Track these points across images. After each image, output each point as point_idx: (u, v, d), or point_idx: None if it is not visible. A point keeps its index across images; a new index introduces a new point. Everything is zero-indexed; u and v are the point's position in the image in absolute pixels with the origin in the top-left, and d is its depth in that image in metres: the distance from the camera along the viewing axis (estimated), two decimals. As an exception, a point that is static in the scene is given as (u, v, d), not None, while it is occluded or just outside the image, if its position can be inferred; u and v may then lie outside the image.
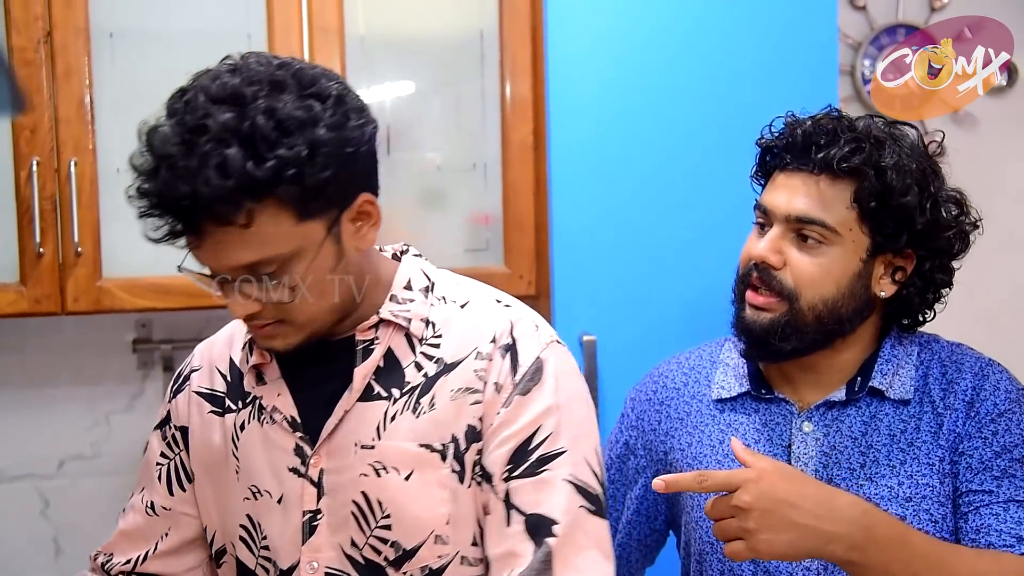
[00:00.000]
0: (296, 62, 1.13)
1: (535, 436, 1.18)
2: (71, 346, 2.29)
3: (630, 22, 1.99)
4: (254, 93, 1.06)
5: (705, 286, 2.00)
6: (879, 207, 1.32)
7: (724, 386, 1.47)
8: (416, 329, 1.23)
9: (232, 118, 1.04)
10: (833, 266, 1.34)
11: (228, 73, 1.09)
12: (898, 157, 1.33)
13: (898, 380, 1.39)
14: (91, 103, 1.96)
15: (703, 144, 2.00)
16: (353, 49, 2.06)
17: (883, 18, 2.65)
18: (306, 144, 1.06)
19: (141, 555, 1.36)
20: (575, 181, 1.99)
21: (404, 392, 1.21)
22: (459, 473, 1.19)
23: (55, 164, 1.94)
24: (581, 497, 1.18)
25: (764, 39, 2.01)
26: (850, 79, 2.64)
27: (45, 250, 1.93)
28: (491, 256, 2.14)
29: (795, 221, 1.35)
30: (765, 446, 1.40)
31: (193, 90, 1.08)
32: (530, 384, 1.19)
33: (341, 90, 1.13)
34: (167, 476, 1.36)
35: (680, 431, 1.48)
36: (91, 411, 2.30)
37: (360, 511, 1.20)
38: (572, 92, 1.98)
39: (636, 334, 1.99)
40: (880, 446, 1.36)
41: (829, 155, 1.33)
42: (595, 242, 1.99)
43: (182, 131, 1.05)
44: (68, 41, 1.94)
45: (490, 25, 2.11)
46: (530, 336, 1.22)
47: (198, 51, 2.02)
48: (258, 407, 1.27)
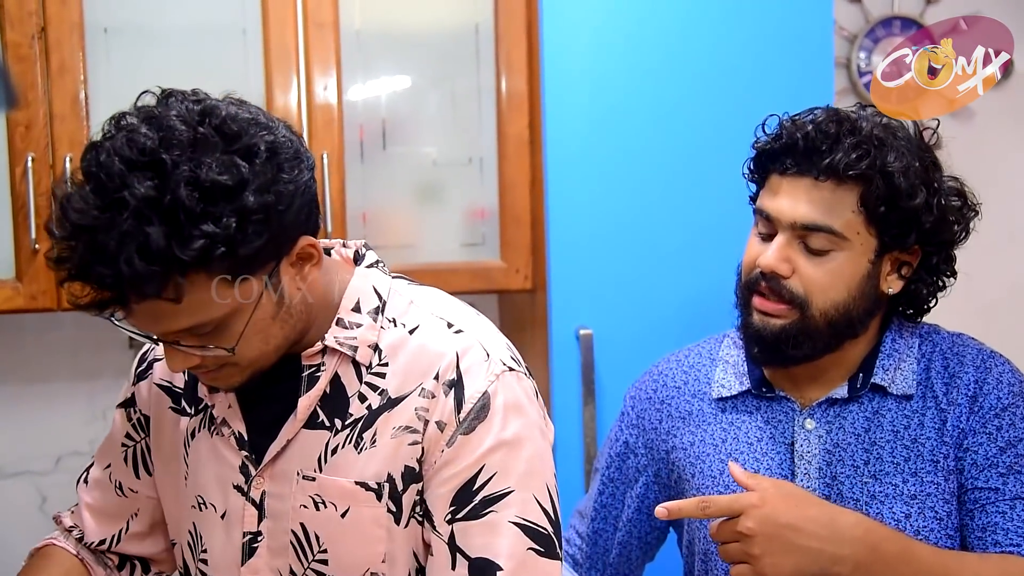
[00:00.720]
0: (222, 107, 1.05)
1: (479, 476, 1.13)
2: (68, 342, 2.29)
3: (625, 16, 1.99)
4: (175, 160, 0.98)
5: (701, 279, 2.00)
6: (888, 211, 1.30)
7: (725, 384, 1.45)
8: (363, 356, 1.17)
9: (151, 189, 0.96)
10: (843, 270, 1.32)
11: (145, 128, 1.00)
12: (903, 157, 1.30)
13: (900, 375, 1.37)
14: (86, 99, 1.96)
15: (699, 138, 2.01)
16: (348, 44, 2.06)
17: (878, 10, 2.65)
18: (234, 213, 0.98)
19: (115, 534, 1.34)
20: (571, 175, 1.99)
21: (347, 424, 1.16)
22: (395, 513, 1.15)
23: (50, 160, 1.93)
24: (529, 539, 1.13)
25: (760, 32, 2.01)
26: (846, 71, 2.64)
27: (41, 246, 1.92)
28: (487, 250, 2.14)
29: (801, 229, 1.32)
30: (768, 444, 1.40)
31: (107, 150, 0.99)
32: (475, 422, 1.13)
33: (271, 140, 1.04)
34: (133, 459, 1.33)
35: (682, 430, 1.47)
36: (89, 407, 2.30)
37: (299, 541, 1.17)
38: (568, 86, 1.98)
39: (633, 328, 2.00)
40: (884, 443, 1.35)
41: (834, 161, 1.29)
42: (591, 236, 1.99)
43: (99, 202, 0.97)
44: (62, 37, 1.93)
45: (486, 19, 2.11)
46: (478, 368, 1.15)
47: (193, 46, 2.04)
48: (209, 416, 1.23)
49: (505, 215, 2.11)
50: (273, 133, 1.06)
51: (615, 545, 1.55)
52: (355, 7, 2.07)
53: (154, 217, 0.96)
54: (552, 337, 1.99)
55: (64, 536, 1.36)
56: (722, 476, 1.41)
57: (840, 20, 2.60)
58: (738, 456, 1.40)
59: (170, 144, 0.98)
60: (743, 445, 1.41)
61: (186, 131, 1.00)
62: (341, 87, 2.04)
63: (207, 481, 1.22)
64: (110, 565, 1.36)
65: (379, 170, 2.10)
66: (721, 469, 1.41)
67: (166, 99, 1.05)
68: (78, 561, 1.34)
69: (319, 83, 2.03)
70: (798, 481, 1.36)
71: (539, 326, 2.05)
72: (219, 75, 2.05)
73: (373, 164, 2.09)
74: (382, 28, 2.12)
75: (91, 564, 1.34)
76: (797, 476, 1.37)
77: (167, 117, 1.01)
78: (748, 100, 2.00)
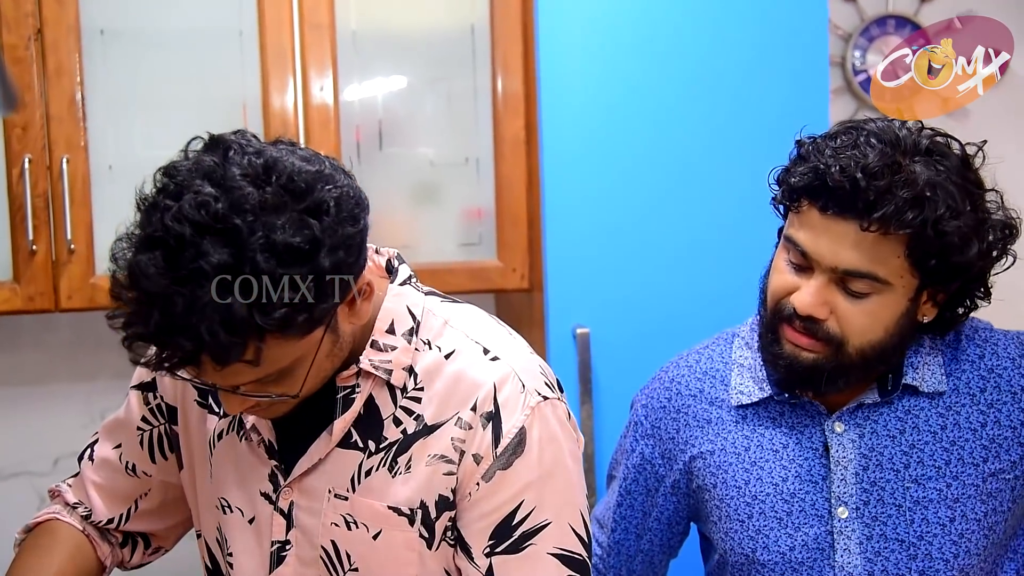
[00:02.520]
0: (284, 159, 1.01)
1: (518, 511, 1.14)
2: (66, 343, 2.29)
3: (620, 16, 1.99)
4: (250, 225, 0.95)
5: (698, 278, 2.01)
6: (937, 263, 1.24)
7: (743, 391, 1.40)
8: (397, 379, 1.16)
9: (229, 257, 0.94)
10: (882, 312, 1.27)
11: (209, 187, 0.97)
12: (956, 207, 1.22)
13: (928, 371, 1.33)
14: (82, 101, 1.96)
15: (695, 137, 2.01)
16: (345, 45, 2.07)
17: (873, 9, 2.66)
18: (311, 275, 0.98)
19: (123, 513, 1.33)
20: (567, 175, 1.99)
21: (381, 447, 1.16)
22: (427, 539, 1.16)
23: (47, 162, 1.94)
24: (565, 567, 1.15)
25: (755, 31, 2.02)
26: (840, 70, 2.65)
27: (38, 248, 1.93)
28: (484, 250, 2.15)
29: (843, 273, 1.25)
30: (795, 451, 1.36)
31: (173, 214, 0.95)
32: (512, 457, 1.13)
33: (337, 195, 1.02)
34: (150, 443, 1.32)
35: (701, 439, 1.43)
36: (86, 408, 2.30)
37: (329, 558, 1.18)
38: (563, 87, 1.98)
39: (629, 326, 2.00)
40: (923, 445, 1.31)
41: (887, 214, 1.20)
42: (588, 235, 1.99)
43: (173, 271, 0.94)
44: (59, 39, 1.94)
45: (481, 20, 2.12)
46: (515, 400, 1.15)
47: (189, 48, 2.05)
48: (238, 420, 1.22)
49: (502, 215, 2.12)
50: (335, 184, 1.03)
51: (638, 553, 1.52)
52: (351, 8, 2.08)
53: (233, 286, 0.94)
54: (549, 336, 1.99)
55: (68, 511, 1.34)
56: (747, 486, 1.37)
57: (835, 19, 2.61)
58: (764, 464, 1.37)
59: (241, 208, 0.96)
60: (768, 453, 1.37)
61: (255, 193, 0.97)
62: (337, 88, 2.05)
63: (232, 485, 1.22)
64: (114, 542, 1.35)
65: (376, 171, 2.10)
66: (746, 479, 1.37)
67: (225, 152, 1.01)
68: (84, 537, 1.32)
69: (315, 84, 2.03)
70: (834, 487, 1.33)
71: (536, 325, 2.06)
72: (215, 77, 2.06)
73: (370, 165, 2.10)
74: (378, 29, 2.13)
75: (96, 540, 1.33)
76: (833, 482, 1.33)
77: (232, 177, 0.98)
78: (744, 99, 2.01)
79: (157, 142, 2.05)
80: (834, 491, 1.33)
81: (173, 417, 1.31)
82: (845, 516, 1.32)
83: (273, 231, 0.96)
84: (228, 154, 1.00)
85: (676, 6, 2.00)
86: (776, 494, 1.35)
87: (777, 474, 1.36)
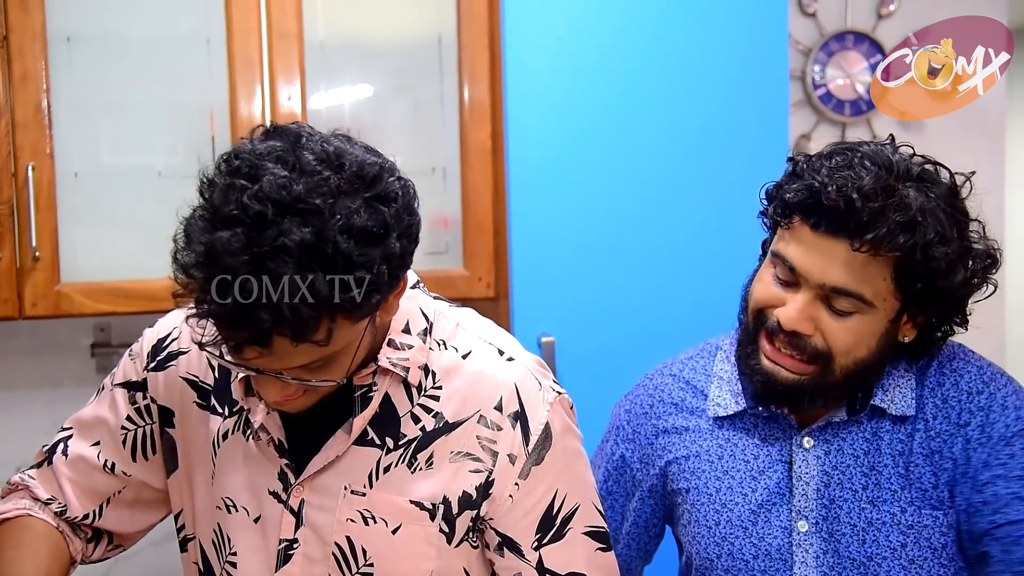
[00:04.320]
0: (350, 151, 1.05)
1: (555, 501, 1.22)
2: (27, 351, 2.27)
3: (586, 28, 2.02)
4: (330, 206, 0.98)
5: (663, 287, 2.04)
6: (923, 288, 1.26)
7: (720, 403, 1.43)
8: (413, 377, 1.19)
9: (311, 236, 0.96)
10: (864, 331, 1.28)
11: (285, 169, 1.00)
12: (944, 232, 1.24)
13: (899, 394, 1.33)
14: (48, 107, 1.95)
15: (659, 147, 2.04)
16: (312, 53, 2.07)
17: (832, 24, 2.71)
18: (383, 260, 1.01)
19: (96, 510, 1.33)
20: (533, 184, 2.01)
21: (400, 444, 1.19)
22: (447, 534, 1.19)
23: (12, 169, 1.93)
24: (595, 541, 1.26)
25: (717, 45, 2.05)
26: (800, 84, 2.69)
27: (3, 255, 1.92)
28: (450, 259, 2.16)
29: (830, 290, 1.26)
30: (765, 462, 1.38)
31: (248, 192, 0.97)
32: (543, 452, 1.20)
33: (400, 184, 1.06)
34: (132, 443, 1.32)
35: (678, 445, 1.46)
36: (49, 415, 2.28)
37: (343, 554, 1.19)
38: (530, 96, 2.01)
39: (594, 335, 2.02)
40: (882, 467, 1.32)
41: (879, 236, 1.21)
42: (554, 244, 2.02)
43: (254, 249, 0.96)
44: (24, 45, 1.93)
45: (448, 30, 2.13)
46: (535, 397, 1.21)
47: (156, 55, 2.04)
48: (244, 419, 1.23)
49: (468, 224, 2.14)
50: (398, 176, 1.07)
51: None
52: (319, 17, 2.09)
53: (315, 264, 0.96)
54: (515, 344, 2.01)
55: (40, 507, 1.32)
56: (718, 493, 1.40)
57: (795, 34, 2.65)
58: (735, 473, 1.39)
59: (320, 191, 0.98)
60: (739, 463, 1.40)
61: (333, 177, 1.00)
62: (305, 96, 2.06)
63: (237, 484, 1.23)
64: (83, 537, 1.34)
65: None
66: (717, 487, 1.40)
67: (296, 139, 1.04)
68: (59, 534, 1.31)
69: (283, 92, 2.04)
70: (795, 501, 1.35)
71: (502, 333, 2.07)
72: (183, 84, 2.06)
73: (337, 173, 2.10)
74: (346, 38, 2.14)
75: (69, 536, 1.32)
76: (795, 496, 1.35)
77: (307, 161, 1.01)
78: (707, 111, 2.04)
79: (123, 149, 2.05)
80: (795, 505, 1.35)
81: (167, 419, 1.30)
82: (805, 530, 1.34)
83: (351, 214, 0.99)
84: (300, 140, 1.03)
85: (641, 19, 2.03)
86: (744, 503, 1.38)
87: (747, 484, 1.38)
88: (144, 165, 2.04)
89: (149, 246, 1.96)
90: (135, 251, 2.03)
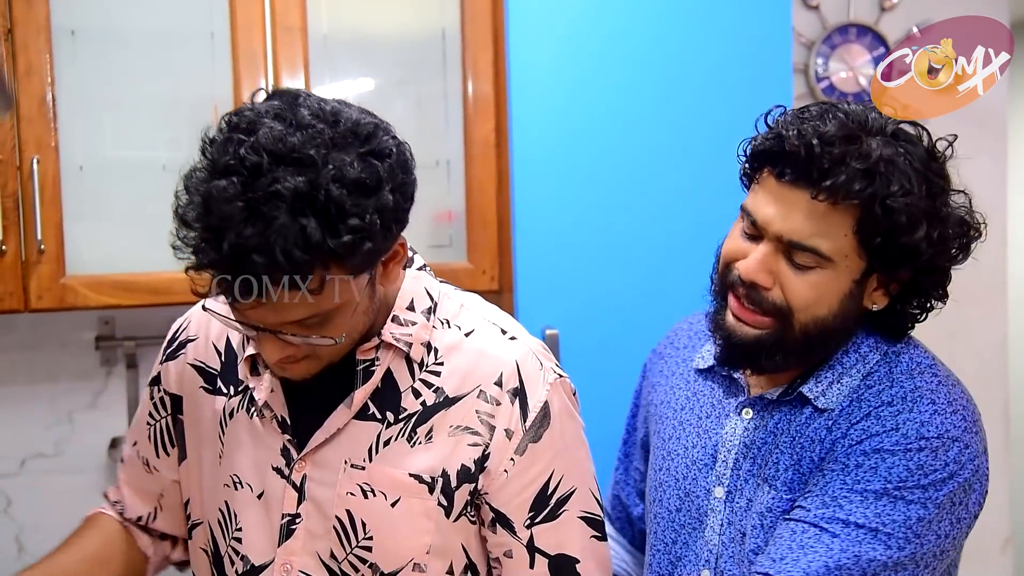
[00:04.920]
0: (346, 111, 1.09)
1: (551, 481, 1.23)
2: (30, 344, 2.27)
3: (589, 22, 2.02)
4: (323, 157, 1.02)
5: (667, 280, 2.04)
6: (883, 242, 1.21)
7: (704, 356, 1.43)
8: (416, 354, 1.22)
9: (304, 184, 1.00)
10: (825, 288, 1.24)
11: (282, 124, 1.03)
12: (909, 187, 1.19)
13: (834, 389, 1.29)
14: (53, 101, 1.95)
15: (662, 141, 2.04)
16: (316, 48, 2.08)
17: (835, 17, 2.71)
18: (376, 211, 1.04)
19: (151, 512, 1.40)
20: (537, 178, 2.01)
21: (400, 418, 1.21)
22: (445, 508, 1.21)
23: (17, 162, 1.93)
24: (590, 528, 1.26)
25: (720, 38, 2.06)
26: (804, 77, 2.69)
27: (8, 248, 1.92)
28: (454, 252, 2.17)
29: (788, 243, 1.23)
30: (712, 422, 1.37)
31: (247, 145, 1.01)
32: (541, 430, 1.22)
33: (395, 143, 1.10)
34: (155, 437, 1.37)
35: (662, 387, 1.49)
36: (51, 409, 2.29)
37: (343, 527, 1.21)
38: (533, 90, 2.01)
39: (598, 328, 2.03)
40: (790, 451, 1.28)
41: (836, 183, 1.18)
42: (557, 238, 2.02)
43: (248, 195, 0.99)
44: (29, 39, 1.93)
45: (452, 24, 2.14)
46: (536, 376, 1.23)
47: (161, 49, 2.05)
48: (249, 398, 1.26)
49: (472, 217, 2.14)
50: (392, 136, 1.11)
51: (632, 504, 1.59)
52: (323, 12, 2.09)
53: (308, 210, 1.00)
54: (518, 338, 2.01)
55: (110, 507, 1.42)
56: (667, 442, 1.41)
57: (798, 27, 2.65)
58: (686, 426, 1.40)
59: (314, 142, 1.02)
60: (693, 417, 1.41)
61: (327, 130, 1.04)
62: (309, 90, 2.05)
63: (243, 461, 1.26)
64: (154, 534, 1.42)
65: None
66: (670, 435, 1.41)
67: (293, 98, 1.08)
68: (123, 528, 1.40)
69: (287, 86, 2.03)
70: (717, 466, 1.34)
71: (505, 327, 2.08)
72: (187, 78, 2.06)
73: (341, 167, 2.10)
74: (350, 33, 2.14)
75: (136, 532, 1.40)
76: (718, 460, 1.35)
77: (303, 116, 1.05)
78: (710, 104, 2.05)
79: (128, 142, 2.05)
80: (716, 470, 1.35)
81: (177, 407, 1.34)
82: (719, 496, 1.34)
83: (344, 166, 1.02)
84: (297, 99, 1.08)
85: (644, 13, 2.03)
86: (683, 456, 1.39)
87: (691, 439, 1.39)
88: (148, 159, 2.05)
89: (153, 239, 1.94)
90: (139, 244, 2.03)
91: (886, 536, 1.17)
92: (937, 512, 1.19)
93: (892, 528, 1.18)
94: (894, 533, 1.18)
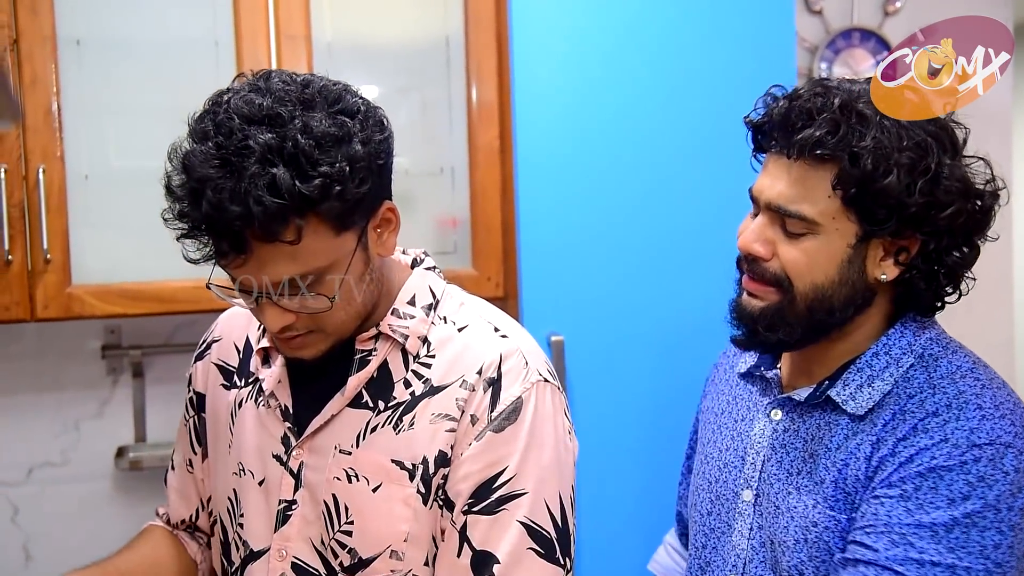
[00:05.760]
0: (317, 79, 1.15)
1: (500, 475, 1.20)
2: (37, 353, 2.28)
3: (593, 28, 2.02)
4: (289, 113, 1.08)
5: (672, 286, 2.04)
6: (859, 193, 1.20)
7: (746, 359, 1.44)
8: (412, 346, 1.25)
9: (273, 138, 1.06)
10: (819, 254, 1.24)
11: (255, 93, 1.10)
12: (880, 134, 1.19)
13: (864, 393, 1.25)
14: (59, 111, 1.96)
15: (667, 146, 2.04)
16: (320, 55, 2.08)
17: (838, 22, 2.71)
18: (345, 159, 1.09)
19: (193, 513, 1.44)
20: (541, 184, 2.02)
21: (389, 406, 1.23)
22: (423, 495, 1.21)
23: (23, 171, 1.94)
24: (530, 540, 1.19)
25: (725, 43, 2.06)
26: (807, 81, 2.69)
27: (14, 257, 1.93)
28: (459, 259, 2.17)
29: (776, 209, 1.25)
30: (746, 425, 1.37)
31: (221, 112, 1.09)
32: (505, 423, 1.20)
33: (364, 105, 1.15)
34: (190, 436, 1.43)
35: (711, 395, 1.51)
36: (58, 418, 2.30)
37: (328, 512, 1.23)
38: (537, 96, 2.01)
39: (604, 334, 2.03)
40: (819, 457, 1.26)
41: (804, 139, 1.20)
42: (562, 244, 2.02)
43: (222, 153, 1.06)
44: (34, 49, 1.94)
45: (456, 31, 2.14)
46: (517, 371, 1.23)
47: (165, 58, 2.05)
48: (258, 388, 1.31)
49: (476, 224, 2.14)
50: (362, 98, 1.17)
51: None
52: (326, 19, 2.09)
53: (277, 160, 1.05)
54: (524, 344, 2.01)
55: (159, 518, 1.47)
56: (706, 445, 1.43)
57: (802, 31, 2.65)
58: (723, 430, 1.41)
59: (283, 102, 1.09)
60: (730, 420, 1.41)
61: (295, 91, 1.11)
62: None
63: (249, 448, 1.30)
64: (201, 542, 1.45)
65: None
66: (709, 439, 1.43)
67: (267, 73, 1.15)
68: (173, 537, 1.44)
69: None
70: (745, 469, 1.34)
71: (511, 333, 2.08)
72: (192, 87, 2.04)
73: (345, 174, 2.11)
74: (353, 40, 2.14)
75: (186, 540, 1.44)
76: (746, 463, 1.34)
77: (274, 83, 1.12)
78: (714, 110, 2.05)
79: (133, 152, 2.06)
80: (745, 472, 1.34)
81: (202, 405, 1.40)
82: (748, 499, 1.33)
83: (312, 121, 1.09)
84: (271, 74, 1.15)
85: (648, 18, 2.04)
86: (717, 458, 1.40)
87: (726, 441, 1.40)
88: (153, 168, 1.99)
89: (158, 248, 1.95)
90: (145, 253, 2.03)
91: (965, 571, 1.14)
92: (1012, 533, 1.15)
93: (970, 561, 1.13)
94: (972, 567, 1.13)
